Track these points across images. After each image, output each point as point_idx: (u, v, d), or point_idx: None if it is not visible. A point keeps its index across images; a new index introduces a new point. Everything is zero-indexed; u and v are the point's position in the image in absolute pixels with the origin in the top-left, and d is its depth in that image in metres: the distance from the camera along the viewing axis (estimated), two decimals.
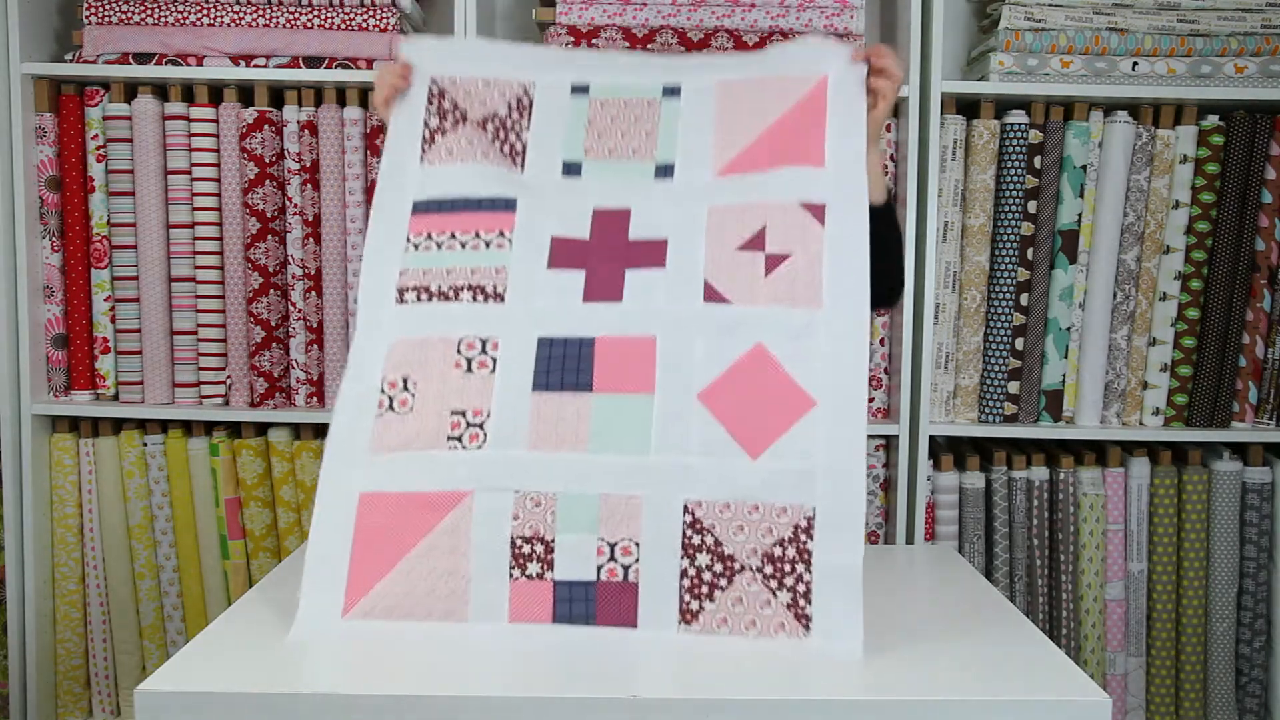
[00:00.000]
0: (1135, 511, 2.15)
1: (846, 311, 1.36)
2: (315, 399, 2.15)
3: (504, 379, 1.37)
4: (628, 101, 1.52)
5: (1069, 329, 2.13)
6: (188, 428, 2.17)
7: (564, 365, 1.37)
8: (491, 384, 1.37)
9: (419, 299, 1.44)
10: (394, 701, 1.16)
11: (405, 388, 1.39)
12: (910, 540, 2.14)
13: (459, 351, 1.40)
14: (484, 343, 1.40)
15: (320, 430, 2.18)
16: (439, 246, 1.45)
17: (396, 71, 1.53)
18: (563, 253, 1.44)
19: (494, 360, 1.39)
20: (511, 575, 1.31)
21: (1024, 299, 2.12)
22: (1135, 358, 2.14)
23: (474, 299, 1.43)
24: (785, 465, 1.31)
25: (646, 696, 1.16)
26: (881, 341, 2.18)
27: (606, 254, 1.44)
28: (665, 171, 1.48)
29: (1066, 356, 2.13)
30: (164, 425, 2.16)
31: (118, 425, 2.16)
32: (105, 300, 2.14)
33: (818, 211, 1.40)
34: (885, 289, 1.50)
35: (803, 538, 1.29)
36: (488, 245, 1.45)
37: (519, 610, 1.32)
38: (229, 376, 2.15)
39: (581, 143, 1.51)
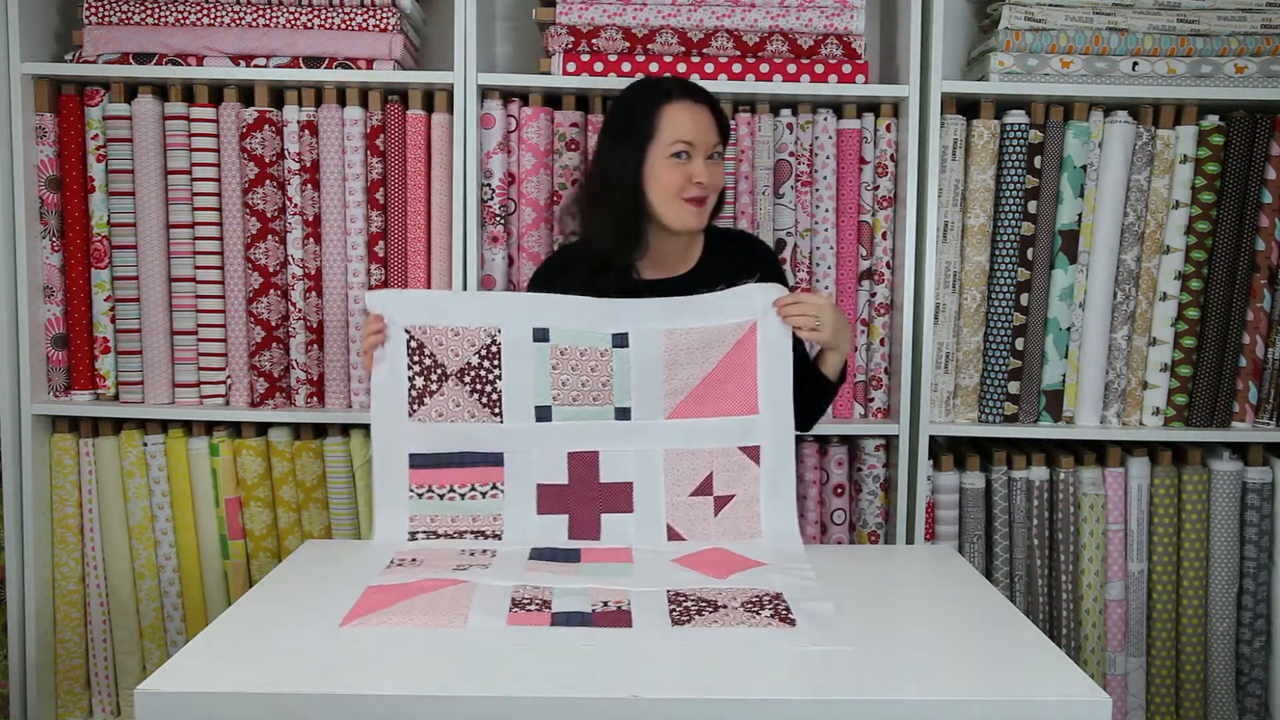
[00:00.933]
0: (1135, 511, 2.15)
1: (782, 537, 1.69)
2: (315, 399, 2.15)
3: (501, 560, 1.61)
4: (583, 351, 1.72)
5: (1069, 329, 2.13)
6: (188, 428, 2.17)
7: (553, 556, 1.64)
8: (491, 562, 1.61)
9: (429, 538, 1.72)
10: (394, 702, 1.16)
11: (414, 560, 1.62)
12: (910, 540, 2.14)
13: (461, 553, 1.65)
14: (485, 551, 1.66)
15: (320, 430, 2.18)
16: (440, 498, 1.72)
17: (372, 328, 1.70)
18: (548, 498, 1.73)
19: (493, 556, 1.64)
20: (510, 613, 1.39)
21: (1024, 299, 2.12)
22: (1135, 358, 2.14)
23: (475, 538, 1.71)
24: (751, 578, 1.54)
25: (646, 696, 1.16)
26: (881, 341, 2.18)
27: (583, 496, 1.73)
28: (623, 414, 1.72)
29: (1066, 356, 2.13)
30: (164, 425, 2.16)
31: (118, 425, 2.16)
32: (105, 300, 2.14)
33: (753, 453, 1.71)
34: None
35: (777, 601, 1.44)
36: (484, 495, 1.72)
37: (517, 620, 1.37)
38: (229, 376, 2.15)
39: (549, 389, 1.72)
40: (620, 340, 1.71)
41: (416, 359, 1.71)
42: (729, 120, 1.82)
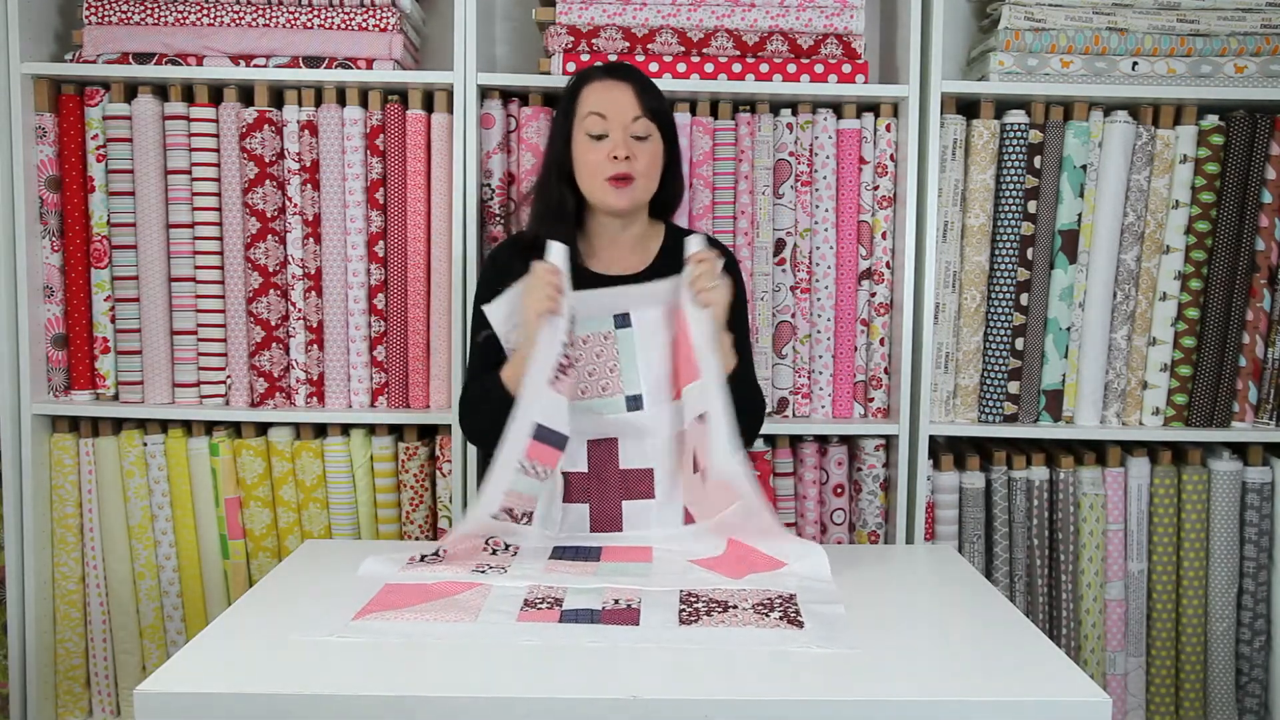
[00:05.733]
0: (1135, 511, 2.15)
1: (750, 495, 1.62)
2: (315, 399, 2.15)
3: (522, 559, 1.62)
4: (586, 338, 1.69)
5: (1069, 329, 2.13)
6: (188, 427, 2.17)
7: (575, 554, 1.64)
8: (513, 559, 1.62)
9: (508, 518, 1.68)
10: (394, 702, 1.16)
11: (436, 554, 1.63)
12: (910, 540, 2.14)
13: (487, 544, 1.65)
14: (507, 545, 1.66)
15: (320, 430, 2.18)
16: (540, 480, 1.66)
17: (555, 285, 1.63)
18: (572, 486, 1.71)
19: (513, 555, 1.63)
20: (521, 611, 1.41)
21: (1024, 299, 2.12)
22: (1135, 358, 2.14)
23: (514, 521, 1.67)
24: (768, 579, 1.54)
25: (647, 697, 1.16)
26: (881, 341, 2.18)
27: (604, 484, 1.72)
28: (635, 403, 1.70)
29: (1066, 356, 2.13)
30: (164, 425, 2.16)
31: (118, 425, 2.16)
32: (105, 300, 2.14)
33: (705, 419, 1.64)
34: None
35: (789, 604, 1.44)
36: (541, 480, 1.67)
37: (526, 617, 1.39)
38: (229, 376, 2.15)
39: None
40: (622, 320, 1.69)
41: (567, 330, 1.65)
42: (663, 102, 1.78)
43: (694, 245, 1.66)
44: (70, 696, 2.19)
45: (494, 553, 1.63)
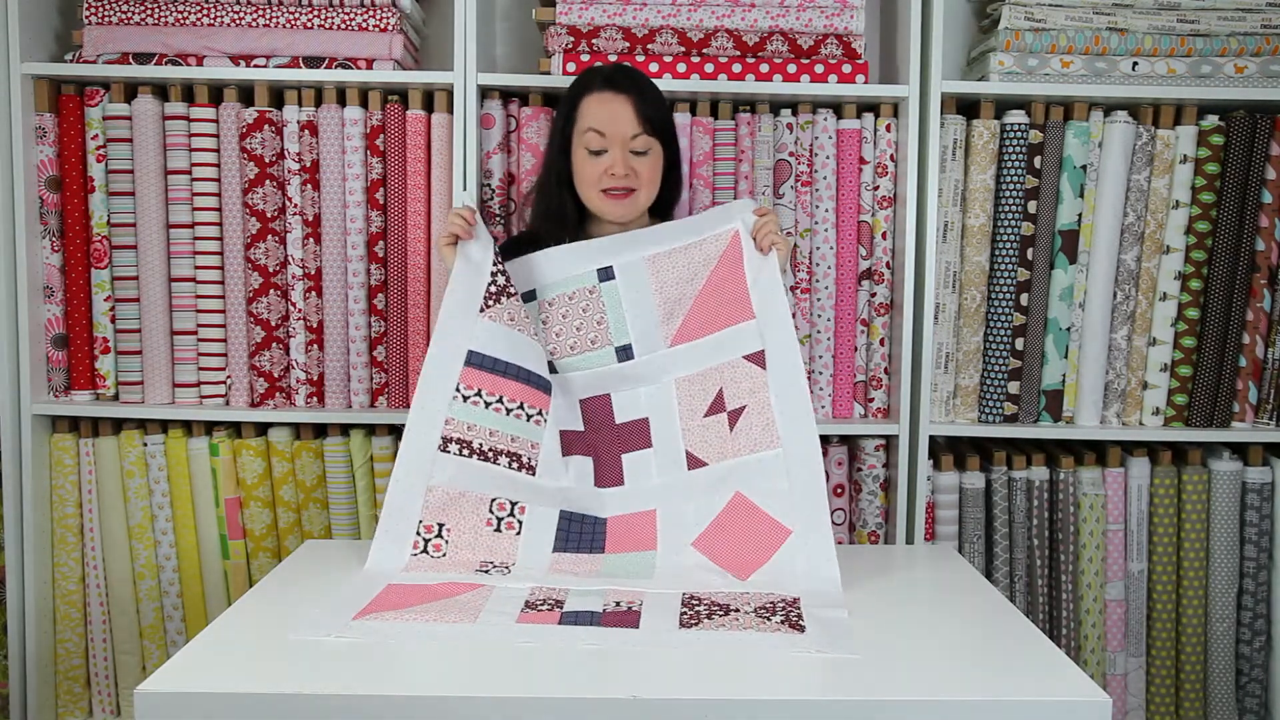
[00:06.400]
0: (1135, 511, 2.15)
1: (800, 440, 1.60)
2: (315, 399, 2.15)
3: (528, 539, 1.60)
4: (571, 295, 1.70)
5: (1069, 329, 2.13)
6: (188, 428, 2.17)
7: (580, 534, 1.62)
8: (517, 544, 1.60)
9: (461, 452, 1.62)
10: (394, 702, 1.16)
11: (440, 534, 1.60)
12: (910, 540, 2.14)
13: (490, 510, 1.62)
14: (514, 505, 1.63)
15: (320, 430, 2.18)
16: (487, 405, 1.63)
17: (465, 216, 1.65)
18: (569, 442, 1.69)
19: (520, 523, 1.62)
20: (522, 613, 1.40)
21: (1024, 299, 2.12)
22: (1135, 358, 2.14)
23: (509, 465, 1.64)
24: (771, 581, 1.53)
25: (647, 697, 1.16)
26: (881, 341, 2.18)
27: (602, 440, 1.69)
28: (625, 353, 1.70)
29: (1066, 356, 2.13)
30: (164, 425, 2.16)
31: (118, 425, 2.16)
32: (105, 300, 2.14)
33: (758, 359, 1.64)
34: None
35: (792, 608, 1.44)
36: (529, 419, 1.65)
37: (527, 619, 1.38)
38: (229, 376, 2.15)
39: (545, 345, 1.70)
40: (606, 273, 1.70)
41: (499, 264, 1.67)
42: (663, 108, 1.80)
43: (747, 203, 1.72)
44: (70, 696, 2.19)
45: (497, 527, 1.60)
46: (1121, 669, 2.16)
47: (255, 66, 2.07)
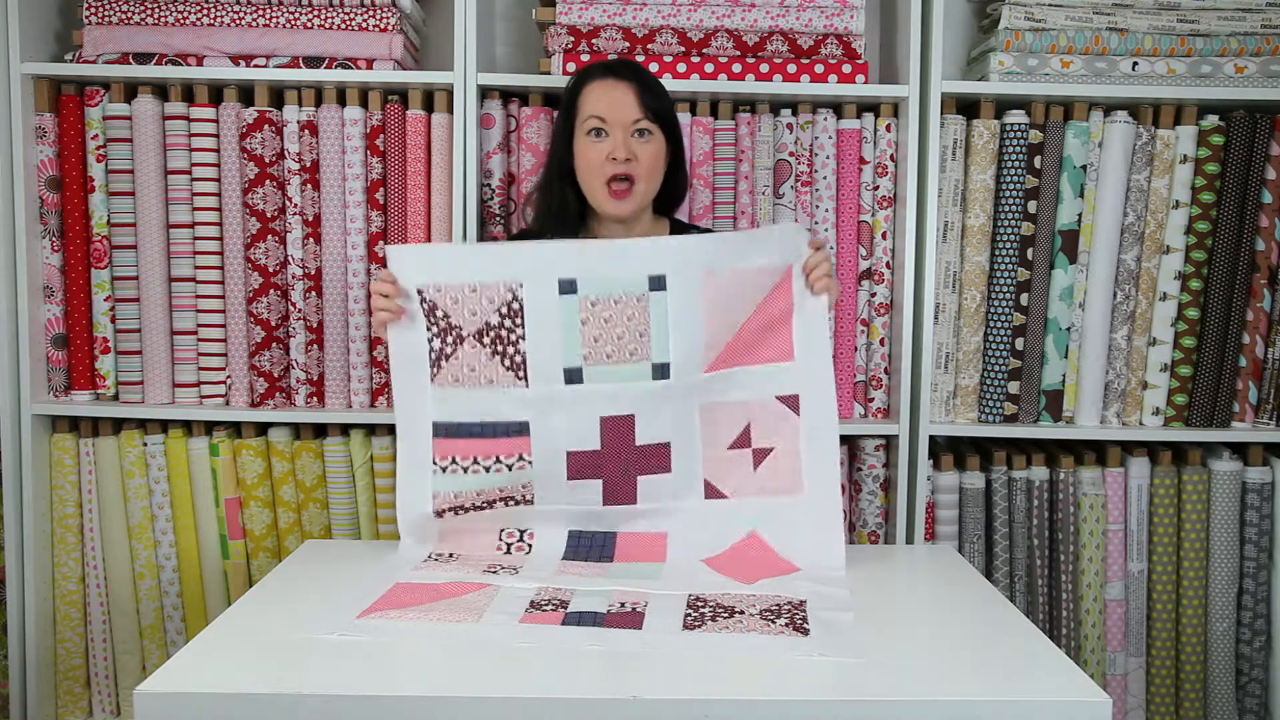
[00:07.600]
0: (1135, 511, 2.15)
1: (822, 491, 1.61)
2: (315, 399, 2.15)
3: (538, 555, 1.62)
4: (618, 299, 1.60)
5: (1069, 329, 2.13)
6: (188, 428, 2.16)
7: (590, 547, 1.62)
8: (526, 560, 1.61)
9: (455, 514, 1.64)
10: (394, 702, 1.16)
11: (450, 557, 1.63)
12: (910, 540, 2.14)
13: (500, 539, 1.65)
14: (522, 533, 1.66)
15: (320, 430, 2.18)
16: (465, 470, 1.62)
17: (386, 291, 1.61)
18: (578, 464, 1.63)
19: (529, 545, 1.64)
20: (526, 613, 1.40)
21: (1024, 299, 2.12)
22: (1135, 358, 2.14)
23: (506, 505, 1.64)
24: (778, 583, 1.53)
25: (647, 697, 1.16)
26: (881, 341, 2.18)
27: (618, 461, 1.63)
28: (662, 371, 1.61)
29: (1066, 356, 2.13)
30: (164, 425, 2.16)
31: (118, 425, 2.16)
32: (105, 300, 2.14)
33: (792, 402, 1.62)
34: None
35: (797, 611, 1.43)
36: (509, 468, 1.62)
37: (530, 619, 1.38)
38: (229, 376, 2.15)
39: (579, 349, 1.60)
40: (657, 283, 1.60)
41: (433, 319, 1.60)
42: (665, 100, 1.79)
43: (800, 230, 1.65)
44: (70, 696, 2.19)
45: (507, 550, 1.62)
46: (1121, 669, 2.16)
47: (255, 66, 2.07)
